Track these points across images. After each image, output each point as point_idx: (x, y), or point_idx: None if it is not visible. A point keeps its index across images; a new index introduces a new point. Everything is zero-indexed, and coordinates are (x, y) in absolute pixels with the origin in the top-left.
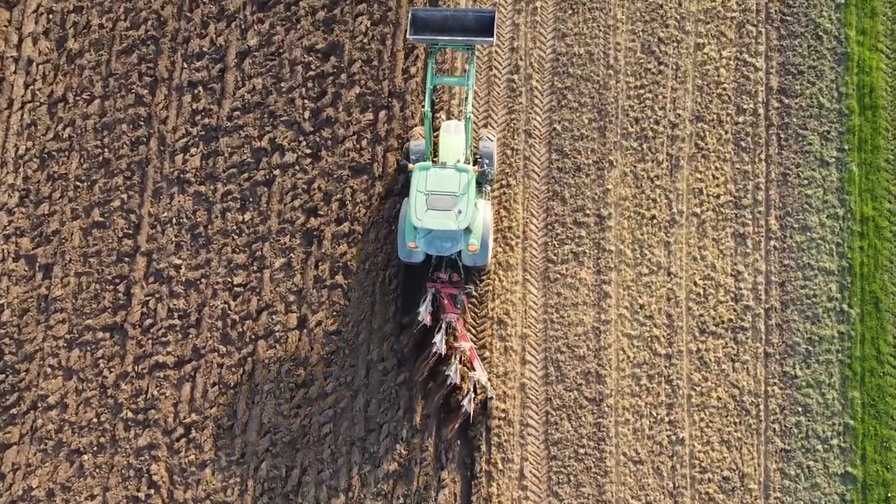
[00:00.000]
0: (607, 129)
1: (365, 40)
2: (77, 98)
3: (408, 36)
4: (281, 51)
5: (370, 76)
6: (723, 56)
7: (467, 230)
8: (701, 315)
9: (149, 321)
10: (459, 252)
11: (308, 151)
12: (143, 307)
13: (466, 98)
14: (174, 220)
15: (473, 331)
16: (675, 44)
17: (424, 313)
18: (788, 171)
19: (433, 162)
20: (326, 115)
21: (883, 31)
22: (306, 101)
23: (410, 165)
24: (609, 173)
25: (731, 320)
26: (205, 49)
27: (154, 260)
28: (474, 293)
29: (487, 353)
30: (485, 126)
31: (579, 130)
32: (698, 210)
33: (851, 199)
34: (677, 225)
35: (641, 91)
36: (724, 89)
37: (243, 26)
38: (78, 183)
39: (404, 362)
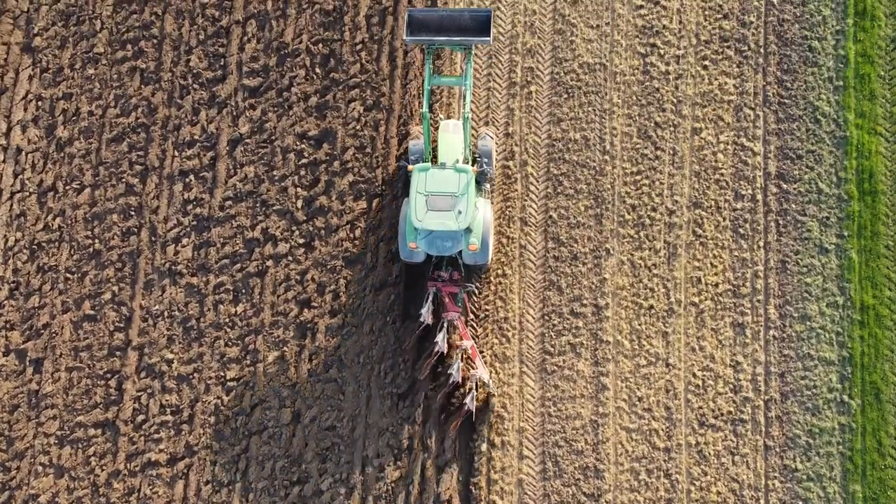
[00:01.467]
0: (604, 216)
1: (358, 127)
2: (67, 187)
3: (404, 37)
4: (273, 138)
5: (363, 163)
6: (720, 140)
7: (468, 229)
8: (700, 407)
9: (141, 417)
10: (460, 251)
11: (301, 241)
12: (135, 403)
13: (464, 98)
14: (166, 313)
15: (474, 329)
16: (671, 128)
17: (426, 312)
18: (787, 258)
19: (432, 162)
20: (319, 203)
21: (882, 114)
22: (299, 189)
23: (410, 166)
24: (606, 262)
25: (730, 412)
26: (196, 137)
27: (146, 354)
28: (475, 291)
29: (484, 447)
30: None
31: (575, 218)
32: (696, 299)
33: (851, 287)
34: (675, 315)
35: (638, 177)
36: (722, 175)
37: (235, 113)
38: (68, 275)
39: (400, 457)
